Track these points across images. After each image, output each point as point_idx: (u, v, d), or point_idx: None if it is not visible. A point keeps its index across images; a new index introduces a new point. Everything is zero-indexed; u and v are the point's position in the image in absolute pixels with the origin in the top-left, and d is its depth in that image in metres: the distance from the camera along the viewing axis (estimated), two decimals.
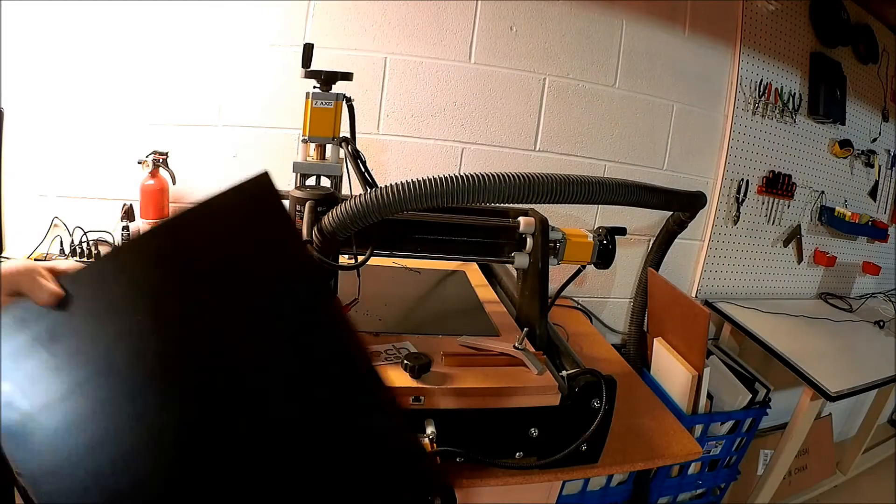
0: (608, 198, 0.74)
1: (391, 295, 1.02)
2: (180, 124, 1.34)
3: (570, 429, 0.79)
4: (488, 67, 1.47)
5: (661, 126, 1.67)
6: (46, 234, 1.34)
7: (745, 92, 1.73)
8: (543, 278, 0.91)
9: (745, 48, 1.70)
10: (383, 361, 0.76)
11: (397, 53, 1.40)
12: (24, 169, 1.30)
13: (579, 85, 1.55)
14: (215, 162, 1.38)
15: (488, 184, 0.62)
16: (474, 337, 0.86)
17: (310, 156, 0.87)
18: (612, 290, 1.79)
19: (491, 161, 1.54)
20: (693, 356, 1.26)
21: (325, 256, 0.67)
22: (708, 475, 1.48)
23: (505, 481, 0.80)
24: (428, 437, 0.69)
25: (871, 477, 2.27)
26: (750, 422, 1.41)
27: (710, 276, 1.88)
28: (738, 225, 1.85)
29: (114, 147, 1.32)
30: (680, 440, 1.02)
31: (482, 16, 1.43)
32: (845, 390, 1.42)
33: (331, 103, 0.84)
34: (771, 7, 1.72)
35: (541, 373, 0.78)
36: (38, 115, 1.28)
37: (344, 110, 0.87)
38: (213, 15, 1.29)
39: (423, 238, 0.88)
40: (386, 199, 0.61)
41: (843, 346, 1.74)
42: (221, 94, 1.34)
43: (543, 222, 0.91)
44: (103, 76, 1.28)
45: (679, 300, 1.31)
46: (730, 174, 1.78)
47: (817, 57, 1.83)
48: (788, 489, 1.88)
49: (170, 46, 1.29)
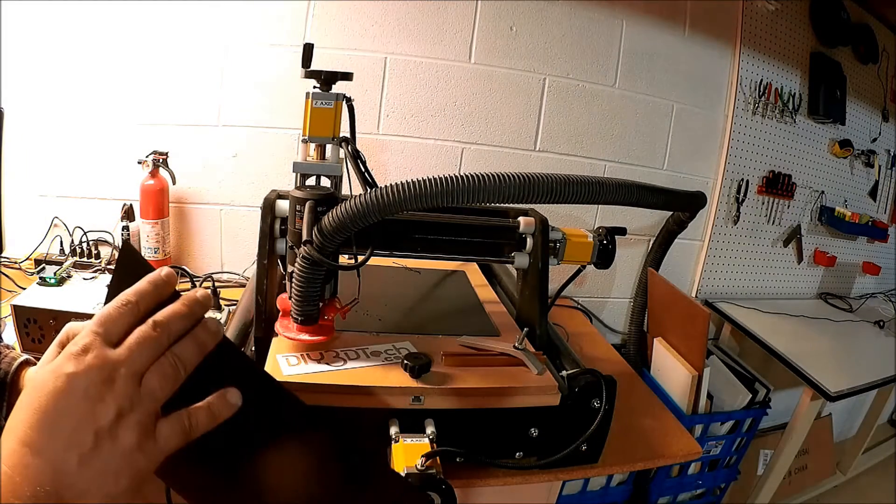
0: (608, 198, 0.73)
1: (391, 295, 1.02)
2: (180, 124, 1.34)
3: (570, 429, 0.79)
4: (488, 67, 1.47)
5: (661, 126, 1.67)
6: (46, 234, 1.34)
7: (745, 92, 1.73)
8: (543, 278, 0.91)
9: (745, 48, 1.70)
10: (383, 361, 0.76)
11: (397, 53, 1.40)
12: (24, 169, 1.31)
13: (579, 85, 1.55)
14: (215, 162, 1.39)
15: (488, 184, 0.62)
16: (474, 337, 0.86)
17: (310, 156, 0.87)
18: (612, 290, 1.79)
19: (491, 161, 1.54)
20: (693, 356, 1.26)
21: (324, 256, 0.67)
22: (708, 475, 1.48)
23: (505, 481, 0.80)
24: (428, 437, 0.69)
25: (871, 477, 2.27)
26: (750, 422, 1.41)
27: (710, 276, 1.88)
28: (738, 225, 1.85)
29: (114, 147, 1.32)
30: (680, 440, 1.02)
31: (482, 16, 1.43)
32: (845, 390, 1.42)
33: (331, 103, 0.84)
34: (771, 7, 1.72)
35: (541, 373, 0.78)
36: (38, 115, 1.28)
37: (344, 110, 0.87)
38: (213, 15, 1.29)
39: (423, 238, 0.87)
40: (386, 199, 0.61)
41: (843, 346, 1.74)
42: (221, 94, 1.34)
43: (543, 222, 0.91)
44: (103, 76, 1.29)
45: (679, 300, 1.31)
46: (730, 174, 1.78)
47: (817, 57, 1.83)
48: (788, 489, 1.88)
49: (170, 46, 1.29)
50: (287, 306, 0.76)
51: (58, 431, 0.33)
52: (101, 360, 0.34)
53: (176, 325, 0.38)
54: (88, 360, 0.34)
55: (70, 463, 0.33)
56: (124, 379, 0.35)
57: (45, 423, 0.32)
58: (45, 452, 0.32)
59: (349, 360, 0.75)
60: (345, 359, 0.75)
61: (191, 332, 0.39)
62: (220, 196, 1.42)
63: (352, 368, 0.74)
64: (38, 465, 0.32)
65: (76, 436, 0.33)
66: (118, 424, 0.34)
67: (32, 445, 0.32)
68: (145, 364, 0.36)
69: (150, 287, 0.39)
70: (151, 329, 0.37)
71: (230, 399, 0.40)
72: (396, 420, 0.71)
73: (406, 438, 0.68)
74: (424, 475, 0.62)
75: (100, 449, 0.33)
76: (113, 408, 0.34)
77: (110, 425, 0.34)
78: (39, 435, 0.32)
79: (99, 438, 0.33)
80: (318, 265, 0.68)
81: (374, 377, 0.72)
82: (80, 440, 0.33)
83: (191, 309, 0.39)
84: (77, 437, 0.33)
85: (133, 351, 0.35)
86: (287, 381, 0.69)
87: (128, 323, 0.37)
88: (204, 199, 1.41)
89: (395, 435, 0.68)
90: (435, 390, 0.72)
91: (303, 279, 0.69)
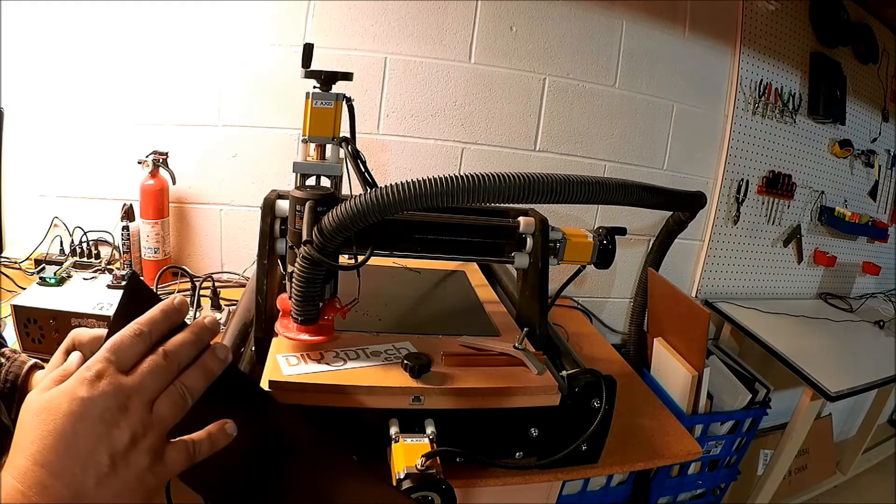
0: (608, 198, 0.73)
1: (391, 295, 1.02)
2: (180, 124, 1.34)
3: (570, 429, 0.79)
4: (488, 67, 1.47)
5: (661, 126, 1.67)
6: (46, 234, 1.34)
7: (745, 92, 1.73)
8: (543, 278, 0.91)
9: (745, 48, 1.70)
10: (383, 361, 0.76)
11: (397, 53, 1.40)
12: (24, 169, 1.31)
13: (579, 85, 1.55)
14: (215, 162, 1.39)
15: (488, 184, 0.62)
16: (474, 337, 0.86)
17: (310, 156, 0.87)
18: (612, 290, 1.79)
19: (491, 161, 1.54)
20: (693, 356, 1.26)
21: (324, 256, 0.67)
22: (708, 475, 1.48)
23: (505, 481, 0.80)
24: (428, 437, 0.69)
25: (871, 477, 2.27)
26: (750, 422, 1.41)
27: (710, 276, 1.88)
28: (738, 225, 1.85)
29: (114, 147, 1.32)
30: (680, 440, 1.01)
31: (482, 16, 1.43)
32: (845, 390, 1.42)
33: (331, 103, 0.84)
34: (771, 7, 1.72)
35: (541, 373, 0.78)
36: (38, 115, 1.28)
37: (344, 110, 0.87)
38: (213, 14, 1.29)
39: (423, 238, 0.87)
40: (386, 199, 0.61)
41: (843, 346, 1.74)
42: (221, 95, 1.34)
43: (543, 222, 0.91)
44: (103, 76, 1.29)
45: (679, 300, 1.31)
46: (730, 174, 1.78)
47: (817, 57, 1.83)
48: (788, 489, 1.88)
49: (170, 46, 1.29)
50: (287, 306, 0.76)
51: (75, 453, 0.34)
52: (114, 388, 0.36)
53: (185, 353, 0.41)
54: (103, 386, 0.36)
55: (88, 485, 0.34)
56: (137, 406, 0.37)
57: (62, 445, 0.34)
58: (63, 474, 0.34)
59: (349, 360, 0.75)
60: (345, 359, 0.75)
61: (199, 358, 0.42)
62: (220, 196, 1.42)
63: (352, 368, 0.74)
64: (56, 486, 0.33)
65: (93, 458, 0.35)
66: (132, 448, 0.36)
67: (49, 466, 0.34)
68: (156, 392, 0.39)
69: (161, 316, 0.41)
70: (162, 358, 0.39)
71: (227, 430, 0.43)
72: (396, 420, 0.71)
73: (406, 438, 0.68)
74: (424, 475, 0.62)
75: (116, 471, 0.35)
76: (127, 433, 0.36)
77: (125, 449, 0.36)
78: (57, 456, 0.34)
79: (115, 461, 0.35)
80: (318, 265, 0.68)
81: (374, 377, 0.72)
82: (96, 462, 0.35)
83: (199, 337, 0.42)
84: (94, 460, 0.35)
85: (145, 379, 0.38)
86: (287, 380, 0.69)
87: (139, 351, 0.39)
88: (204, 199, 1.41)
89: (395, 435, 0.68)
90: (435, 390, 0.72)
91: (303, 279, 0.69)
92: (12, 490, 0.33)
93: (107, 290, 1.08)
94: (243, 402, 0.50)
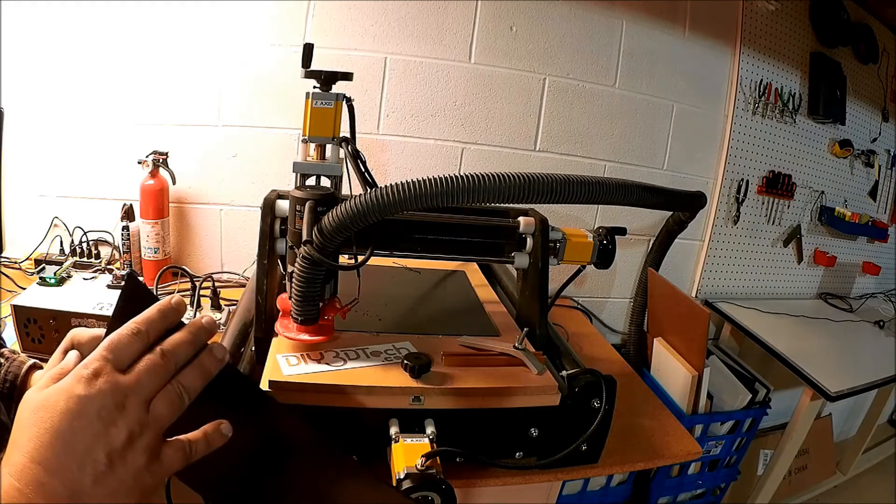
0: (608, 198, 0.73)
1: (391, 295, 1.02)
2: (180, 124, 1.34)
3: (570, 429, 0.79)
4: (488, 67, 1.47)
5: (661, 126, 1.67)
6: (46, 234, 1.34)
7: (745, 92, 1.73)
8: (543, 278, 0.91)
9: (745, 48, 1.70)
10: (383, 361, 0.76)
11: (397, 53, 1.40)
12: (24, 169, 1.31)
13: (579, 85, 1.55)
14: (215, 162, 1.39)
15: (488, 184, 0.62)
16: (474, 337, 0.86)
17: (310, 156, 0.87)
18: (612, 290, 1.79)
19: (491, 161, 1.54)
20: (693, 356, 1.26)
21: (324, 256, 0.67)
22: (708, 475, 1.48)
23: (505, 481, 0.80)
24: (428, 437, 0.69)
25: (871, 477, 2.27)
26: (750, 422, 1.41)
27: (710, 276, 1.88)
28: (738, 225, 1.85)
29: (114, 147, 1.32)
30: (680, 440, 1.01)
31: (482, 16, 1.43)
32: (845, 390, 1.42)
33: (331, 103, 0.84)
34: (771, 7, 1.72)
35: (541, 373, 0.78)
36: (38, 115, 1.28)
37: (344, 110, 0.87)
38: (212, 15, 1.29)
39: (423, 238, 0.87)
40: (386, 199, 0.61)
41: (843, 346, 1.74)
42: (221, 95, 1.34)
43: (543, 222, 0.91)
44: (103, 76, 1.29)
45: (679, 300, 1.31)
46: (730, 174, 1.78)
47: (817, 57, 1.83)
48: (788, 489, 1.88)
49: (170, 46, 1.29)
50: (287, 306, 0.76)
51: (72, 451, 0.34)
52: (112, 386, 0.36)
53: (182, 353, 0.41)
54: (100, 384, 0.36)
55: (85, 482, 0.34)
56: (134, 404, 0.37)
57: (59, 442, 0.34)
58: (60, 472, 0.34)
59: (349, 360, 0.75)
60: (345, 359, 0.75)
61: (196, 358, 0.42)
62: (220, 196, 1.42)
63: (352, 368, 0.74)
64: (52, 483, 0.34)
65: (90, 456, 0.35)
66: (129, 447, 0.36)
67: (46, 464, 0.34)
68: (153, 391, 0.39)
69: (158, 315, 0.41)
70: (159, 358, 0.39)
71: (223, 430, 0.43)
72: (396, 420, 0.71)
73: (406, 438, 0.68)
74: (424, 475, 0.62)
75: (113, 469, 0.35)
76: (125, 431, 0.36)
77: (122, 447, 0.36)
78: (54, 454, 0.34)
79: (112, 459, 0.35)
80: (318, 265, 0.68)
81: (374, 377, 0.72)
82: (93, 460, 0.35)
83: (196, 336, 0.42)
84: (91, 458, 0.35)
85: (143, 378, 0.38)
86: (287, 380, 0.69)
87: (136, 350, 0.39)
88: (204, 199, 1.41)
89: (395, 435, 0.68)
90: (435, 390, 0.72)
91: (303, 279, 0.69)
92: (9, 487, 0.33)
93: (107, 290, 1.08)
94: (241, 401, 0.50)
